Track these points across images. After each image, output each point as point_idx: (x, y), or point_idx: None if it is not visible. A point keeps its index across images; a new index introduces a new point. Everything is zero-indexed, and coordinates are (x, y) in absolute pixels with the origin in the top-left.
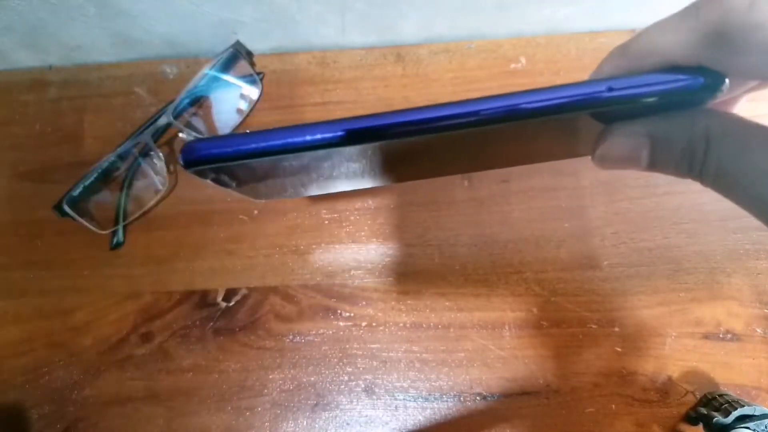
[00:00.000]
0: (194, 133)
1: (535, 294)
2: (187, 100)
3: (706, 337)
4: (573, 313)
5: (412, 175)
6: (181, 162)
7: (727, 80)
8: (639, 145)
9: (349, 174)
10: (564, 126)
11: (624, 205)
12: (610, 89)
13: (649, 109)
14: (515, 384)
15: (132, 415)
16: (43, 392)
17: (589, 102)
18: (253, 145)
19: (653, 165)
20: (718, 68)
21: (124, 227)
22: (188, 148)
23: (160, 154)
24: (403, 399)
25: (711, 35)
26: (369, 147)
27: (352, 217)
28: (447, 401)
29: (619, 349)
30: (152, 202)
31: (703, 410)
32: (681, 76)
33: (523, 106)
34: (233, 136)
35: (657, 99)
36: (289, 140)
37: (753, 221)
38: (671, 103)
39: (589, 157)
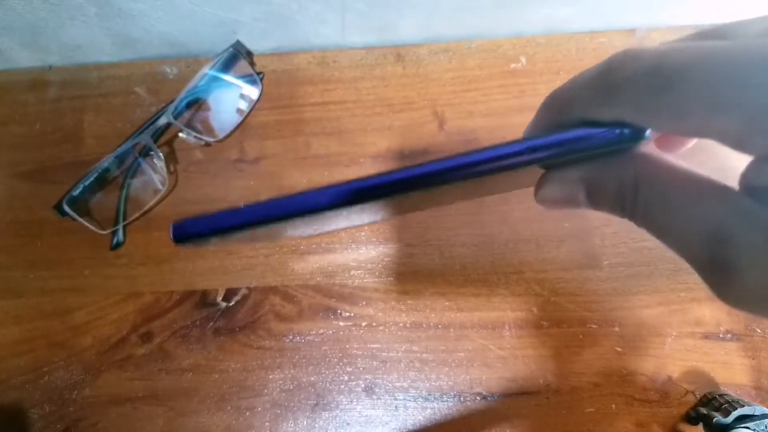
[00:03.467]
0: (194, 133)
1: (535, 294)
2: (186, 100)
3: (706, 337)
4: (573, 312)
5: (400, 211)
6: (171, 238)
7: (648, 131)
8: (574, 189)
9: (343, 218)
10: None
11: None
12: (532, 150)
13: (581, 158)
14: (515, 384)
15: (132, 415)
16: (43, 392)
17: (514, 165)
18: (237, 220)
19: (591, 206)
20: (636, 123)
21: (124, 227)
22: (177, 226)
23: (160, 154)
24: (403, 399)
25: (625, 98)
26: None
27: None
28: (447, 401)
29: (619, 349)
30: (152, 202)
31: (703, 410)
32: (596, 132)
33: (447, 170)
34: (218, 213)
35: (578, 154)
36: (268, 213)
37: None
38: (599, 152)
39: None
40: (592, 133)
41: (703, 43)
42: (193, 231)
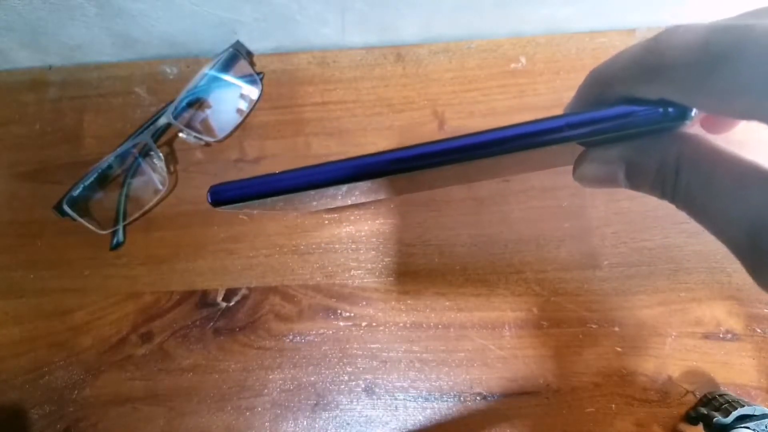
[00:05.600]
0: (194, 133)
1: (535, 294)
2: (186, 100)
3: (706, 336)
4: (573, 313)
5: (412, 190)
6: (209, 201)
7: (693, 111)
8: (614, 168)
9: (354, 195)
10: (545, 149)
11: (624, 205)
12: (570, 126)
13: (622, 137)
14: (515, 384)
15: (132, 415)
16: (43, 392)
17: (551, 141)
18: (271, 187)
19: (631, 186)
20: (682, 102)
21: (124, 227)
22: (214, 191)
23: (160, 154)
24: (403, 399)
25: (670, 73)
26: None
27: (352, 217)
28: (447, 401)
29: (619, 349)
30: (152, 202)
31: (703, 410)
32: (639, 109)
33: (485, 143)
34: (252, 179)
35: (619, 132)
36: (302, 181)
37: None
38: (641, 132)
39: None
40: (634, 111)
41: (755, 21)
42: (229, 195)
